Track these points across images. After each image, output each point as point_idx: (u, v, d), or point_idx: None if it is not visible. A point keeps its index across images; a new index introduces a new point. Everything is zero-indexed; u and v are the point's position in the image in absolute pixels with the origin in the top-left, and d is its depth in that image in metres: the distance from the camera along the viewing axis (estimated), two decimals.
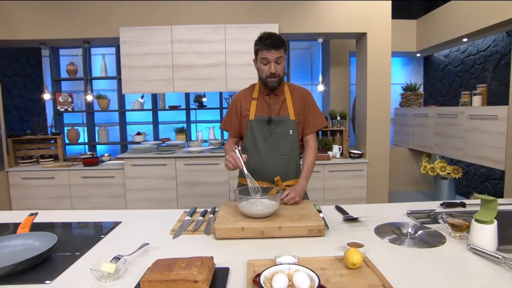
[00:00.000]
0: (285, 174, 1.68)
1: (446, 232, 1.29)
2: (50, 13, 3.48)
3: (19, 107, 4.43)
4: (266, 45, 1.54)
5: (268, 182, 1.66)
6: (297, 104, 1.70)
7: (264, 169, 1.65)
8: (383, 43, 3.51)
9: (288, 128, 1.66)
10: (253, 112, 1.67)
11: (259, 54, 1.59)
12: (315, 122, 1.74)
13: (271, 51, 1.55)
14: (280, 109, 1.67)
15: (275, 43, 1.54)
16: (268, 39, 1.55)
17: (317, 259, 1.07)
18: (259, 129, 1.66)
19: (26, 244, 1.17)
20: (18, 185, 3.57)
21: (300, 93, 1.73)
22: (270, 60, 1.56)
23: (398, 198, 4.26)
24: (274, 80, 1.60)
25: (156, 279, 0.89)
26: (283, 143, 1.66)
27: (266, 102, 1.68)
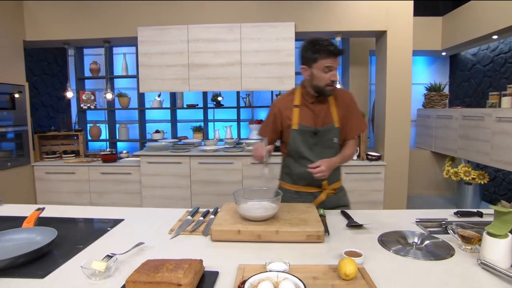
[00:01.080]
0: (331, 178, 1.64)
1: (456, 244, 1.20)
2: (73, 14, 3.61)
3: (46, 105, 4.65)
4: (331, 53, 1.48)
5: (315, 187, 1.66)
6: (341, 110, 1.64)
7: (310, 176, 1.54)
8: (404, 42, 3.36)
9: (333, 136, 1.64)
10: (296, 121, 1.61)
11: (319, 62, 1.50)
12: (357, 127, 1.71)
13: (335, 59, 1.50)
14: (325, 117, 1.62)
15: (338, 51, 1.50)
16: (332, 46, 1.49)
17: (311, 267, 1.02)
18: (304, 139, 1.62)
19: (28, 238, 1.21)
20: (43, 179, 3.74)
21: (344, 98, 1.67)
22: (334, 68, 1.51)
23: (418, 203, 4.08)
24: (332, 88, 1.55)
25: (141, 280, 0.89)
26: (328, 151, 1.64)
27: (310, 111, 1.62)
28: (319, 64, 1.50)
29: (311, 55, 1.51)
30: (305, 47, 1.54)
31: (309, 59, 1.53)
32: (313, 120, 1.62)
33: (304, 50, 1.55)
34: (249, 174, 3.52)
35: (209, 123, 4.81)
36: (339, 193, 1.74)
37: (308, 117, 1.62)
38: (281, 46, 3.46)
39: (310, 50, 1.51)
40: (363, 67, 4.36)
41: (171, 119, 4.67)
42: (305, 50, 1.54)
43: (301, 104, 1.63)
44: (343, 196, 1.77)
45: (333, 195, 1.70)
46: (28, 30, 3.65)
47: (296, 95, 1.66)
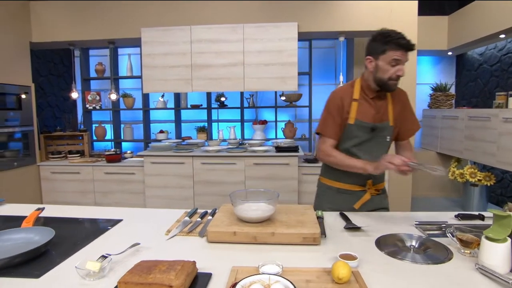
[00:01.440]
0: (376, 177, 1.62)
1: (455, 248, 1.18)
2: (78, 16, 3.66)
3: (52, 105, 4.71)
4: (401, 46, 1.41)
5: (359, 186, 1.62)
6: (397, 108, 1.60)
7: (356, 174, 1.54)
8: None
9: (386, 134, 1.59)
10: (353, 115, 1.55)
11: (387, 54, 1.43)
12: (412, 127, 1.66)
13: (405, 53, 1.43)
14: (383, 114, 1.57)
15: (410, 45, 1.42)
16: (404, 40, 1.41)
17: (305, 270, 1.02)
18: (358, 134, 1.56)
19: (27, 238, 1.22)
20: (48, 179, 3.79)
21: (400, 96, 1.62)
22: (402, 62, 1.44)
23: (422, 205, 4.03)
24: (396, 82, 1.49)
25: (133, 281, 0.89)
26: (379, 148, 1.58)
27: (370, 105, 1.56)
28: (386, 56, 1.43)
29: (380, 46, 1.44)
30: (374, 38, 1.48)
31: (377, 49, 1.46)
32: (372, 116, 1.55)
33: (372, 41, 1.49)
34: (252, 174, 3.52)
35: (213, 124, 4.82)
36: (382, 195, 1.69)
37: (367, 112, 1.55)
38: (284, 46, 3.45)
39: (379, 41, 1.45)
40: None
41: (175, 120, 4.69)
42: (374, 40, 1.48)
43: (360, 98, 1.57)
44: (384, 199, 1.71)
45: (375, 196, 1.65)
46: (34, 31, 3.71)
47: (356, 88, 1.58)
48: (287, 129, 4.42)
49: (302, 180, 3.56)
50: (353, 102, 1.56)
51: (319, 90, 4.75)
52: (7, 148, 3.45)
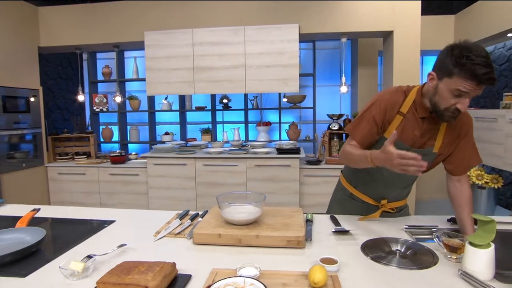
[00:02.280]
0: (393, 196, 1.49)
1: (443, 253, 1.16)
2: (84, 20, 3.75)
3: (61, 107, 4.83)
4: (475, 76, 1.06)
5: (374, 200, 1.50)
6: (450, 135, 1.32)
7: (376, 190, 1.46)
8: (411, 42, 3.28)
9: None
10: (392, 130, 1.30)
11: (454, 80, 1.11)
12: (469, 160, 1.35)
13: (478, 86, 1.09)
14: (428, 139, 1.32)
15: (487, 79, 1.06)
16: (482, 69, 1.05)
17: (284, 273, 1.02)
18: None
19: (19, 238, 1.26)
20: (55, 180, 3.89)
21: (461, 120, 1.30)
22: (469, 96, 1.13)
23: (428, 208, 3.96)
24: (454, 117, 1.19)
25: (111, 281, 0.91)
26: (406, 176, 1.32)
27: (416, 125, 1.30)
28: (451, 82, 1.12)
29: (449, 66, 1.11)
30: (449, 51, 1.13)
31: (444, 68, 1.13)
32: (414, 139, 1.31)
33: (444, 55, 1.14)
34: (253, 176, 3.53)
35: (218, 125, 4.85)
36: (397, 213, 1.54)
37: (410, 132, 1.30)
38: (285, 48, 3.45)
39: (451, 57, 1.10)
40: (372, 68, 4.28)
41: (180, 121, 4.74)
42: (446, 55, 1.13)
43: (407, 113, 1.30)
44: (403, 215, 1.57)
45: (388, 213, 1.51)
46: (42, 36, 3.82)
47: (408, 99, 1.30)
48: (291, 131, 4.41)
49: (304, 182, 3.55)
50: (398, 115, 1.30)
51: (324, 91, 4.73)
52: (16, 149, 3.55)
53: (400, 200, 1.53)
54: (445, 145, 1.33)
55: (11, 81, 3.46)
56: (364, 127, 1.34)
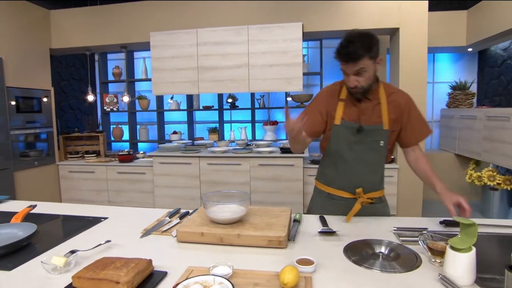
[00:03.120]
0: (369, 185, 1.52)
1: (427, 256, 1.13)
2: (93, 22, 3.85)
3: (74, 107, 4.98)
4: (341, 58, 1.36)
5: (349, 193, 1.53)
6: (393, 111, 1.46)
7: (346, 179, 1.51)
8: (418, 39, 3.19)
9: (379, 139, 1.46)
10: (339, 116, 1.48)
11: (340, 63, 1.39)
12: (419, 131, 1.52)
13: (347, 64, 1.34)
14: (372, 115, 1.46)
15: (351, 57, 1.31)
16: (345, 49, 1.32)
17: (257, 273, 1.01)
18: (345, 136, 1.48)
19: (11, 233, 1.31)
20: (66, 178, 4.02)
21: (398, 98, 1.48)
22: (349, 73, 1.37)
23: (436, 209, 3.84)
24: (356, 91, 1.40)
25: (86, 276, 0.94)
26: (371, 154, 1.47)
27: (355, 107, 1.47)
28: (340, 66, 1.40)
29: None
30: None
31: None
32: (358, 117, 1.46)
33: None
34: (257, 175, 3.53)
35: (225, 124, 4.88)
36: (377, 204, 1.56)
37: (353, 112, 1.46)
38: (289, 47, 3.43)
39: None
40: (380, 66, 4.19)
41: (188, 121, 4.80)
42: None
43: (346, 98, 1.48)
44: (382, 208, 1.58)
45: (369, 205, 1.53)
46: (53, 38, 3.94)
47: (343, 90, 1.49)
48: None
49: (308, 182, 3.52)
50: (339, 102, 1.49)
51: None
52: (29, 148, 3.69)
53: (377, 191, 1.56)
54: (393, 122, 1.47)
55: (24, 82, 3.60)
56: (308, 119, 1.43)
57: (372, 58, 1.34)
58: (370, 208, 1.54)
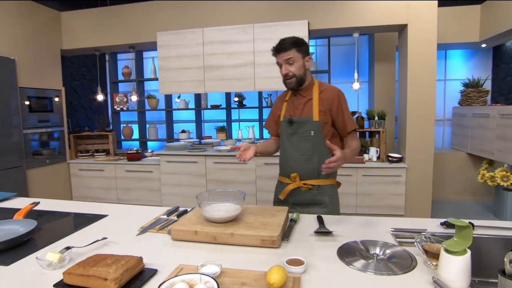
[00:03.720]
0: (304, 172, 1.71)
1: (423, 259, 1.10)
2: (102, 23, 3.92)
3: (85, 107, 5.09)
4: (274, 50, 1.66)
5: (288, 178, 1.74)
6: (324, 104, 1.67)
7: (287, 166, 1.74)
8: (427, 35, 3.11)
9: (310, 129, 1.67)
10: (283, 113, 1.76)
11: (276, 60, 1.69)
12: (349, 123, 1.71)
13: (279, 54, 1.64)
14: (304, 109, 1.69)
15: (281, 47, 1.62)
16: (277, 44, 1.64)
17: (246, 272, 1.01)
18: (284, 129, 1.74)
19: (12, 229, 1.34)
20: (77, 175, 4.11)
21: (328, 92, 1.69)
22: (281, 63, 1.64)
23: (447, 209, 3.75)
24: (290, 81, 1.65)
25: (76, 272, 0.95)
26: (304, 143, 1.69)
27: (292, 103, 1.74)
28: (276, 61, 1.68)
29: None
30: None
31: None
32: (292, 111, 1.72)
33: None
34: (262, 174, 3.52)
35: (234, 123, 4.89)
36: (314, 191, 1.72)
37: (290, 109, 1.74)
38: None
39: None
40: (389, 64, 4.11)
41: (196, 120, 4.83)
42: None
43: (289, 99, 1.77)
44: (320, 195, 1.72)
45: (307, 191, 1.71)
46: (64, 39, 4.03)
47: (290, 92, 1.79)
48: None
49: None
50: (284, 103, 1.78)
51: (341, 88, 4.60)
52: (41, 147, 3.79)
53: (314, 179, 1.71)
54: (323, 114, 1.66)
55: (36, 83, 3.70)
56: (270, 118, 1.88)
57: (300, 53, 1.62)
58: (307, 193, 1.71)
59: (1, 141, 3.32)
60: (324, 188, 1.74)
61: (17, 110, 3.47)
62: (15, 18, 3.49)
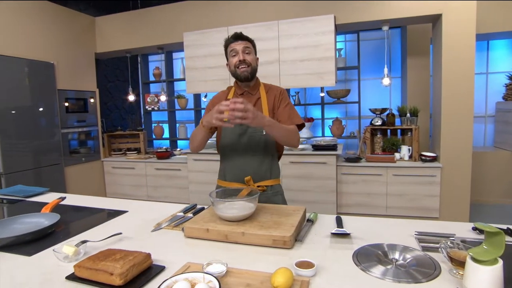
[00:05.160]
0: (257, 175, 1.64)
1: (449, 267, 1.00)
2: (132, 26, 4.07)
3: (119, 107, 5.32)
4: (232, 38, 1.62)
5: (241, 183, 1.63)
6: (271, 102, 1.65)
7: (236, 170, 1.65)
8: (464, 25, 2.87)
9: (261, 128, 1.61)
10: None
11: (228, 50, 1.64)
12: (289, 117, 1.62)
13: (237, 42, 1.60)
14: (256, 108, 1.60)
15: (241, 35, 1.62)
16: (234, 34, 1.63)
17: (252, 273, 0.97)
18: (231, 130, 1.65)
19: (38, 222, 1.42)
20: (110, 173, 4.30)
21: (275, 91, 1.70)
22: (238, 50, 1.58)
23: (490, 213, 3.45)
24: (245, 68, 1.58)
25: (86, 265, 0.97)
26: (255, 143, 1.64)
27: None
28: (228, 52, 1.63)
29: (224, 49, 1.67)
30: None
31: (225, 53, 1.68)
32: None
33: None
34: (288, 173, 3.46)
35: None
36: (268, 192, 1.66)
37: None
38: (320, 40, 3.30)
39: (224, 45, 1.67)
40: (423, 58, 3.87)
41: None
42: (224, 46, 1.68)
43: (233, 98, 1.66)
44: (273, 196, 1.68)
45: (261, 194, 1.60)
46: (98, 43, 4.24)
47: (231, 91, 1.73)
48: (335, 127, 4.23)
49: (342, 181, 3.37)
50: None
51: (372, 85, 4.43)
52: (77, 145, 4.02)
53: (267, 180, 1.66)
54: (270, 111, 1.64)
55: (73, 85, 3.92)
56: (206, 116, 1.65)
57: (254, 48, 1.64)
58: (261, 196, 1.58)
59: (44, 140, 3.57)
60: (277, 188, 1.70)
61: (56, 111, 3.70)
62: (55, 25, 3.72)
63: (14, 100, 3.29)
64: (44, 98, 3.58)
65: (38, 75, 3.51)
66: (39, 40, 3.54)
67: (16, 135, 3.32)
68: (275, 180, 1.70)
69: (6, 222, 1.40)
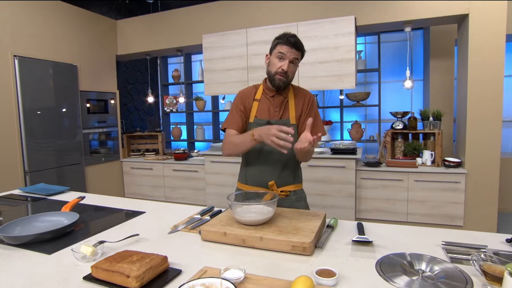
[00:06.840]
0: (281, 179, 1.60)
1: (482, 281, 0.93)
2: (151, 29, 4.14)
3: (138, 109, 5.41)
4: (288, 42, 1.49)
5: (264, 188, 1.60)
6: (300, 107, 1.59)
7: (260, 174, 1.60)
8: (493, 25, 2.74)
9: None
10: (253, 114, 1.60)
11: (277, 48, 1.52)
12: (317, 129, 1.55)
13: (291, 49, 1.50)
14: (282, 111, 1.59)
15: (298, 44, 1.51)
16: (293, 38, 1.51)
17: (272, 280, 0.94)
18: None
19: (58, 221, 1.43)
20: (129, 173, 4.37)
21: (304, 96, 1.62)
22: (287, 58, 1.49)
23: None
24: (283, 79, 1.51)
25: (102, 267, 0.97)
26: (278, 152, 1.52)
27: (269, 104, 1.59)
28: (275, 50, 1.52)
29: (274, 42, 1.56)
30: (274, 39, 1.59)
31: (271, 46, 1.57)
32: (269, 113, 1.58)
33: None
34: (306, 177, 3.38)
35: None
36: (292, 197, 1.62)
37: (265, 109, 1.59)
38: (340, 42, 3.24)
39: (276, 38, 1.56)
40: (447, 60, 3.74)
41: None
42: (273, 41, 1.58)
43: (260, 99, 1.62)
44: (297, 201, 1.64)
45: (284, 199, 1.59)
46: (119, 45, 4.33)
47: (259, 89, 1.64)
48: (354, 130, 4.15)
49: (361, 185, 3.29)
50: (254, 102, 1.61)
51: (393, 88, 4.32)
52: (97, 146, 4.11)
53: (290, 185, 1.62)
54: (297, 115, 1.59)
55: (94, 86, 4.02)
56: (235, 116, 1.61)
57: (300, 59, 1.55)
58: (284, 202, 1.59)
59: (66, 140, 3.67)
60: (300, 193, 1.67)
61: (78, 111, 3.80)
62: (79, 28, 3.83)
63: (39, 101, 3.40)
64: (67, 99, 3.68)
65: (62, 77, 3.61)
66: (63, 42, 3.65)
67: (41, 135, 3.42)
68: (298, 185, 1.66)
69: (28, 220, 1.43)
